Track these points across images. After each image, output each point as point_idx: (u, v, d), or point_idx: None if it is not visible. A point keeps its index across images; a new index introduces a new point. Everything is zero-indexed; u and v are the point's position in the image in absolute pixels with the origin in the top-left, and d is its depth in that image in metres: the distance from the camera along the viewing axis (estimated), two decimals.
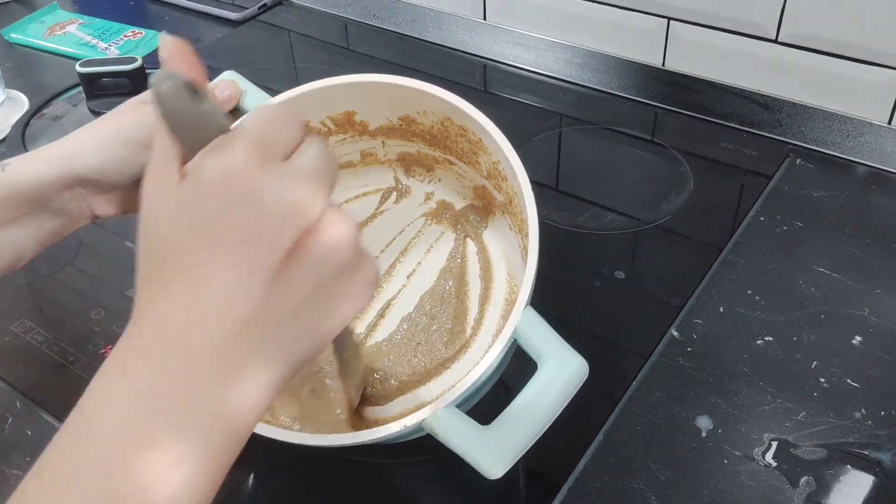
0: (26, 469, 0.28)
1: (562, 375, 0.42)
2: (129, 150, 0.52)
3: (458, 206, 0.64)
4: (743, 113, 0.82)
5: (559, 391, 0.41)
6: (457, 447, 0.41)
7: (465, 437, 0.41)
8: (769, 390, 0.55)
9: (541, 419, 0.41)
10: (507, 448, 0.40)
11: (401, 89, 0.54)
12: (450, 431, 0.41)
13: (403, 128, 0.60)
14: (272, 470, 0.53)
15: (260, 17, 1.10)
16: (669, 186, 0.75)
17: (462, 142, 0.57)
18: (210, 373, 0.28)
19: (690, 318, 0.61)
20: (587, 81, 0.91)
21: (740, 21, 0.79)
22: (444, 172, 0.63)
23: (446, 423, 0.41)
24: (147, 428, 0.27)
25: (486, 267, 0.61)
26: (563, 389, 0.41)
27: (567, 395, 0.42)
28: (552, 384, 0.42)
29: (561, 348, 0.43)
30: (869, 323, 0.60)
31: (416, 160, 0.63)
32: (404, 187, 0.65)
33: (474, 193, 0.63)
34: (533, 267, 0.45)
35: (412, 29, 1.03)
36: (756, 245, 0.67)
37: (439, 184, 0.64)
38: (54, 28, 1.08)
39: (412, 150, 0.62)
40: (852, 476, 0.50)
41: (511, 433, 0.41)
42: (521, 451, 0.41)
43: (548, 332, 0.43)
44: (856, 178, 0.75)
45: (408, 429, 0.42)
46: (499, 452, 0.40)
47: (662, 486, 0.50)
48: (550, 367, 0.42)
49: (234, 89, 0.56)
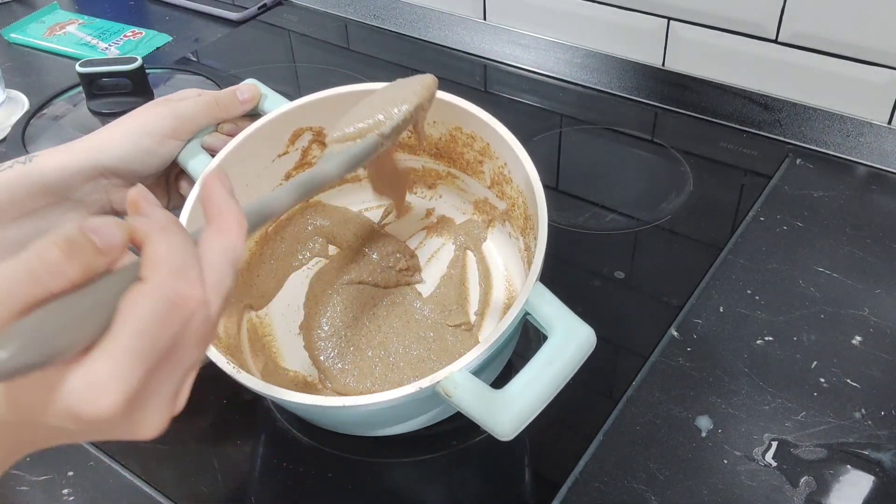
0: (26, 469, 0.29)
1: (571, 343, 0.43)
2: (154, 141, 0.54)
3: (458, 221, 0.65)
4: (743, 113, 0.82)
5: (569, 358, 0.43)
6: (469, 408, 0.42)
7: (479, 399, 0.42)
8: (769, 390, 0.55)
9: (551, 383, 0.42)
10: (518, 410, 0.41)
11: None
12: (464, 393, 0.42)
13: (412, 141, 0.61)
14: (272, 470, 0.53)
15: (260, 17, 1.10)
16: (669, 186, 0.75)
17: (468, 152, 0.59)
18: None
19: (690, 318, 0.61)
20: (587, 81, 0.91)
21: (740, 21, 0.79)
22: (446, 188, 0.65)
23: (461, 385, 0.42)
24: None
25: (485, 274, 0.62)
26: (572, 356, 0.43)
27: (576, 361, 0.43)
28: (562, 351, 0.43)
29: (570, 318, 0.44)
30: (869, 323, 0.60)
31: (420, 176, 0.65)
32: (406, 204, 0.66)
33: (475, 208, 0.64)
34: (543, 242, 0.47)
35: (412, 29, 1.03)
36: (756, 245, 0.67)
37: (440, 200, 0.66)
38: (54, 28, 1.08)
39: (417, 166, 0.64)
40: (852, 476, 0.50)
41: (523, 396, 0.42)
42: (532, 413, 0.42)
43: (557, 303, 0.45)
44: (856, 178, 0.75)
45: (423, 391, 0.43)
46: (510, 414, 0.41)
47: (662, 486, 0.50)
48: (560, 336, 0.43)
49: (255, 92, 0.60)
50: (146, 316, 0.28)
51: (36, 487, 0.51)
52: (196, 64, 1.00)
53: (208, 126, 0.58)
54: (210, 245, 0.32)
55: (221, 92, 0.59)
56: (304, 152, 0.61)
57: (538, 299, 0.45)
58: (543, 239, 0.47)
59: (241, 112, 0.59)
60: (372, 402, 0.43)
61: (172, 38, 1.06)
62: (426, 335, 0.58)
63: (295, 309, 0.61)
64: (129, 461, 0.53)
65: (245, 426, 0.56)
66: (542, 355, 0.43)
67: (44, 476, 0.52)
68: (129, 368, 0.28)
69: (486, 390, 0.42)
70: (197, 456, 0.53)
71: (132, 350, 0.28)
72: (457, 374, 0.42)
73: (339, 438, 0.53)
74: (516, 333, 0.52)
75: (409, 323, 0.59)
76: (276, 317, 0.61)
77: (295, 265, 0.64)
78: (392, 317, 0.59)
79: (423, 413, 0.50)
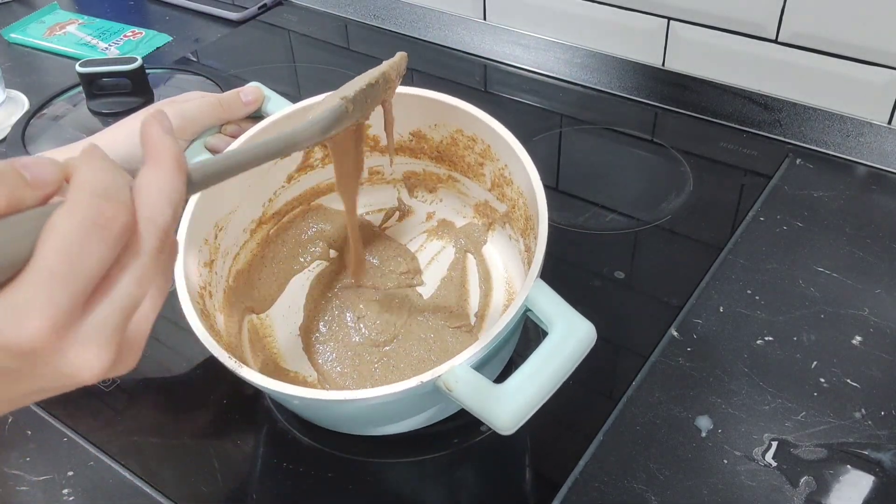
0: (26, 469, 0.28)
1: (571, 339, 0.43)
2: None
3: (458, 224, 0.66)
4: (743, 113, 0.82)
5: (570, 353, 0.43)
6: (470, 402, 0.42)
7: (479, 392, 0.42)
8: (769, 390, 0.55)
9: (551, 378, 0.42)
10: (519, 404, 0.42)
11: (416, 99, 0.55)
12: (464, 387, 0.42)
13: (413, 144, 0.61)
14: (272, 470, 0.53)
15: (260, 17, 1.10)
16: (669, 186, 0.75)
17: (469, 154, 0.59)
18: None
19: (690, 318, 0.61)
20: (587, 81, 0.91)
21: (740, 21, 0.79)
22: (447, 191, 0.65)
23: (462, 379, 0.42)
24: None
25: (485, 276, 0.62)
26: (573, 351, 0.43)
27: (577, 357, 0.43)
28: (563, 346, 0.43)
29: (570, 314, 0.44)
30: (869, 323, 0.60)
31: (421, 180, 0.65)
32: (406, 207, 0.67)
33: (475, 211, 0.64)
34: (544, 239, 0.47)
35: (412, 29, 1.03)
36: (756, 245, 0.67)
37: (441, 203, 0.66)
38: (54, 28, 1.08)
39: (418, 170, 0.64)
40: (852, 476, 0.50)
41: (523, 390, 0.42)
42: (532, 407, 0.42)
43: (557, 299, 0.45)
44: (856, 178, 0.75)
45: (424, 385, 0.43)
46: (511, 408, 0.41)
47: (662, 486, 0.50)
48: (560, 331, 0.44)
49: (258, 95, 0.60)
50: (67, 235, 0.28)
51: (36, 487, 0.51)
52: (196, 64, 1.00)
53: (212, 127, 0.58)
54: (144, 179, 0.31)
55: (225, 94, 0.59)
56: (306, 154, 0.61)
57: (539, 295, 0.45)
58: (544, 236, 0.48)
59: (245, 114, 0.60)
60: (373, 396, 0.43)
61: (172, 38, 1.06)
62: (427, 336, 0.58)
63: (296, 310, 0.61)
64: (129, 461, 0.53)
65: (245, 426, 0.56)
66: (542, 350, 0.43)
67: (44, 476, 0.52)
68: (51, 290, 0.27)
69: (487, 384, 0.42)
70: (197, 456, 0.53)
71: (53, 272, 0.27)
72: (458, 368, 0.43)
73: (339, 438, 0.53)
74: (517, 330, 0.52)
75: (409, 325, 0.59)
76: (277, 318, 0.61)
77: (296, 268, 0.64)
78: (392, 319, 0.60)
79: (423, 411, 0.50)
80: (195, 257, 0.53)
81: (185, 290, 0.48)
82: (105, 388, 0.57)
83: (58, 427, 0.55)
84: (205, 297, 0.52)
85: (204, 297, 0.52)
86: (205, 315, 0.50)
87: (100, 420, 0.56)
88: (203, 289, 0.53)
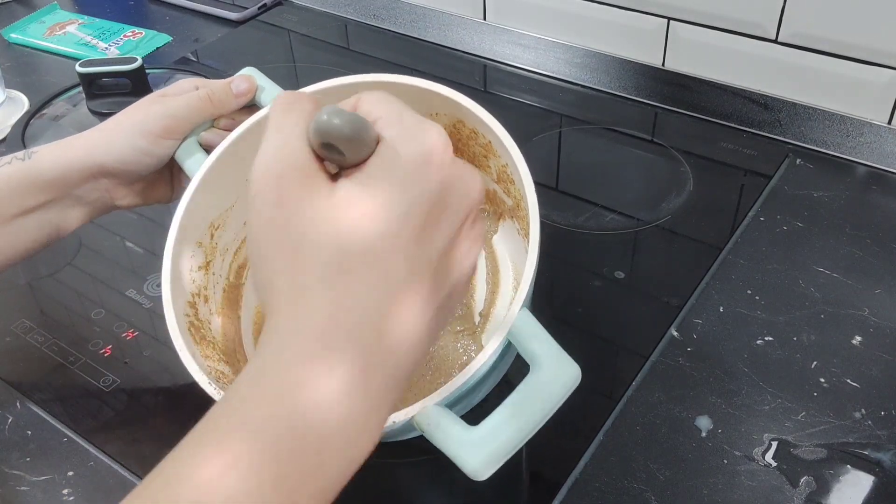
0: (26, 469, 0.28)
1: (556, 382, 0.40)
2: (149, 141, 0.54)
3: None
4: (743, 113, 0.82)
5: (549, 396, 0.40)
6: (442, 445, 0.40)
7: (452, 436, 0.40)
8: (769, 390, 0.55)
9: (528, 423, 0.40)
10: (492, 450, 0.39)
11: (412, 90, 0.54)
12: (436, 429, 0.40)
13: None
14: None
15: (260, 17, 1.10)
16: (669, 186, 0.75)
17: (473, 145, 0.58)
18: (384, 305, 0.31)
19: (690, 318, 0.61)
20: (587, 81, 0.91)
21: (740, 21, 0.79)
22: None
23: (434, 421, 0.41)
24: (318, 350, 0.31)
25: (493, 270, 0.61)
26: (553, 394, 0.40)
27: (557, 400, 0.40)
28: (545, 389, 0.40)
29: (554, 352, 0.41)
30: (869, 323, 0.60)
31: None
32: None
33: (486, 198, 0.63)
34: (531, 272, 0.45)
35: (412, 29, 1.03)
36: (756, 245, 0.67)
37: None
38: (54, 28, 1.08)
39: None
40: (852, 476, 0.50)
41: (497, 435, 0.39)
42: (506, 454, 0.39)
43: (542, 335, 0.42)
44: (856, 178, 0.75)
45: (397, 424, 0.41)
46: (484, 454, 0.39)
47: (662, 486, 0.50)
48: (542, 371, 0.41)
49: (251, 85, 0.59)
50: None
51: (36, 487, 0.51)
52: (196, 64, 1.00)
53: (203, 123, 0.57)
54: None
55: (215, 85, 0.57)
56: None
57: (522, 330, 0.42)
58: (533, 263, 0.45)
59: (237, 107, 0.58)
60: None
61: (172, 38, 1.06)
62: None
63: None
64: (129, 461, 0.53)
65: None
66: (523, 390, 0.40)
67: (44, 476, 0.52)
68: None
69: (460, 428, 0.40)
70: None
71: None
72: (431, 409, 0.41)
73: None
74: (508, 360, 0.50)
75: None
76: None
77: None
78: None
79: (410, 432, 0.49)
80: (187, 262, 0.52)
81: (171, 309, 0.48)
82: (105, 388, 0.57)
83: (58, 427, 0.55)
84: (198, 303, 0.52)
85: (197, 304, 0.51)
86: (194, 327, 0.49)
87: (100, 420, 0.56)
88: (196, 295, 0.52)
